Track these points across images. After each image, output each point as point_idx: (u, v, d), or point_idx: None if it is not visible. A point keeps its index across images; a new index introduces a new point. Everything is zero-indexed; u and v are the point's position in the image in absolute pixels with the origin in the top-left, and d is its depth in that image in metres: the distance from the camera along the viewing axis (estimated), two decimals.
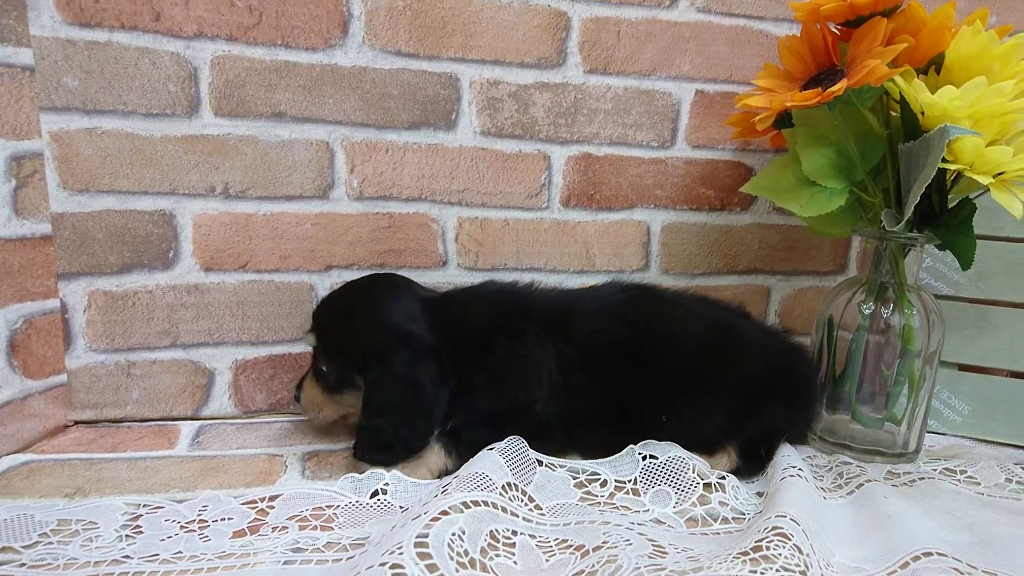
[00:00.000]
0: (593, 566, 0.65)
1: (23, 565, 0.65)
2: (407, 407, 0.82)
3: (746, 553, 0.63)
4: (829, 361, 1.00)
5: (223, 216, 0.95)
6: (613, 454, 0.85)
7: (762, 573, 0.60)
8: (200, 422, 0.99)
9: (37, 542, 0.68)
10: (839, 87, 0.81)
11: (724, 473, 0.82)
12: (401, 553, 0.60)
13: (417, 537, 0.63)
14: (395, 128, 0.99)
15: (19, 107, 0.83)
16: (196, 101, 0.91)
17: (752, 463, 0.86)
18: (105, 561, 0.66)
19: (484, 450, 0.80)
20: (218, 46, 0.91)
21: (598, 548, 0.68)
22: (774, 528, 0.67)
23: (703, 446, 0.86)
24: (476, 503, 0.70)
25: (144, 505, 0.76)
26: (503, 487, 0.75)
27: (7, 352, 0.84)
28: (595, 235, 1.08)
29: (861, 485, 0.85)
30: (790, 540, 0.65)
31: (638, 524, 0.74)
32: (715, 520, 0.77)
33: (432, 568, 0.60)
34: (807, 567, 0.62)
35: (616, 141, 1.07)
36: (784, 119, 0.98)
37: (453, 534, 0.65)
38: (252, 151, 0.95)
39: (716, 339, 0.90)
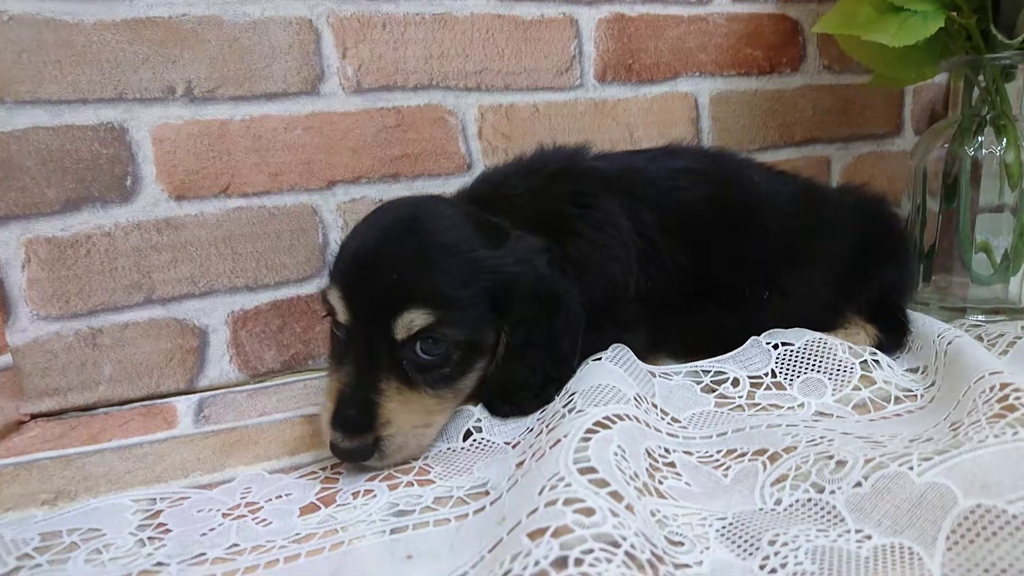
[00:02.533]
0: (796, 468, 0.50)
1: None
2: (548, 331, 0.61)
3: (1000, 416, 0.49)
4: (920, 220, 0.88)
5: (190, 126, 0.73)
6: (712, 351, 0.70)
7: None
8: (199, 395, 0.77)
9: (18, 567, 0.47)
10: None
11: (874, 350, 0.67)
12: (568, 484, 0.43)
13: (576, 463, 0.46)
14: None
15: None
16: None
17: (894, 333, 0.72)
18: (131, 574, 0.46)
19: (590, 360, 0.63)
20: None
21: (791, 449, 0.52)
22: (1005, 384, 0.53)
23: (819, 324, 0.72)
24: (619, 417, 0.53)
25: (161, 498, 0.55)
26: (635, 398, 0.58)
27: None
28: (638, 114, 0.92)
29: (1013, 343, 0.72)
30: None
31: (808, 420, 0.59)
32: (888, 402, 0.62)
33: (616, 496, 0.43)
34: None
35: None
36: None
37: (615, 453, 0.48)
38: (216, 37, 0.73)
39: (806, 201, 0.76)
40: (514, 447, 0.58)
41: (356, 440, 0.54)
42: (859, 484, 0.46)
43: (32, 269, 0.69)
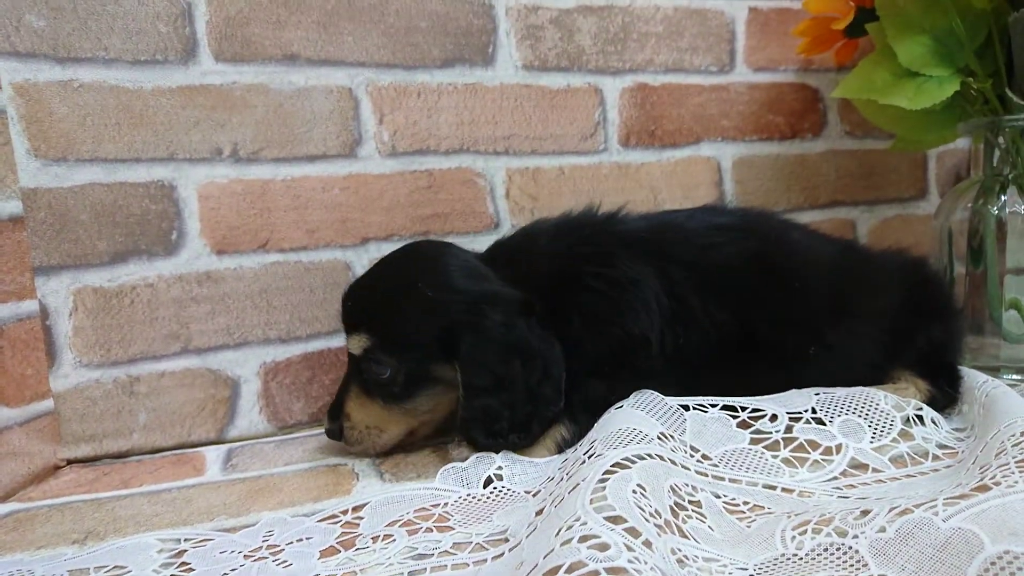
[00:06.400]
0: (820, 515, 0.49)
1: None
2: (523, 376, 0.64)
3: None
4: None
5: (234, 184, 0.78)
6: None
7: None
8: (227, 445, 0.79)
9: None
10: None
11: (921, 404, 0.66)
12: (584, 523, 0.43)
13: (593, 503, 0.46)
14: (426, 67, 0.84)
15: None
16: (192, 43, 0.75)
17: (945, 389, 0.70)
18: None
19: (611, 410, 0.64)
20: None
21: (826, 520, 0.50)
22: None
23: (864, 383, 0.70)
24: (640, 457, 0.53)
25: (185, 539, 0.56)
26: (659, 437, 0.58)
27: None
28: (662, 177, 0.94)
29: None
30: None
31: (843, 487, 0.57)
32: (925, 458, 0.61)
33: (633, 532, 0.42)
34: None
35: (672, 68, 0.94)
36: (859, 22, 0.88)
37: (634, 491, 0.48)
38: (263, 103, 0.78)
39: (848, 259, 0.76)
40: (534, 496, 0.58)
41: (331, 424, 0.70)
42: (883, 529, 0.45)
43: (78, 317, 0.73)
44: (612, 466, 0.50)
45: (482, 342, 0.64)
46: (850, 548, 0.45)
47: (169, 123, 0.75)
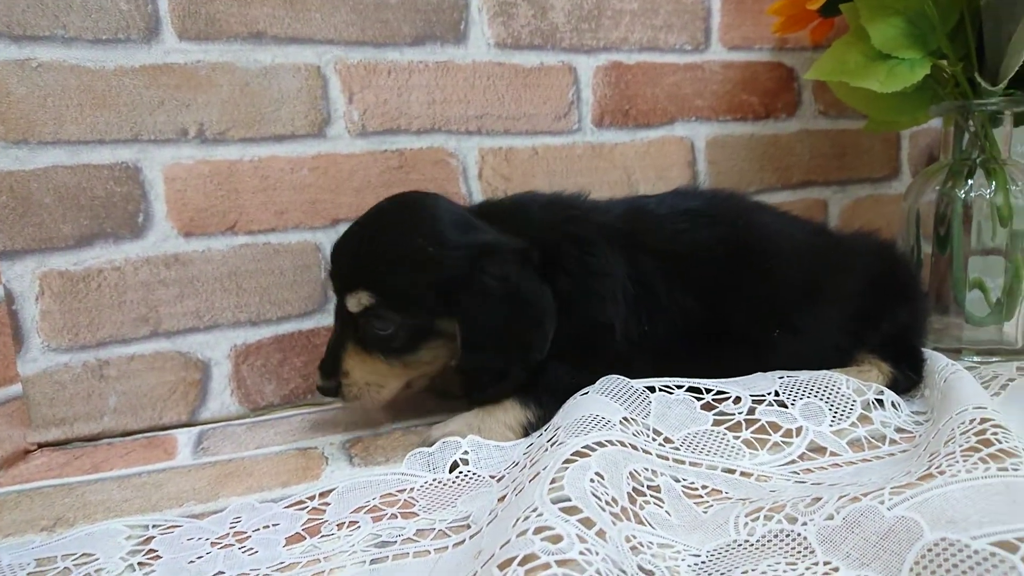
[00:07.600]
0: (773, 503, 0.50)
1: None
2: (515, 326, 0.65)
3: (975, 449, 0.49)
4: (915, 262, 0.89)
5: (200, 165, 0.77)
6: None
7: (1015, 469, 0.46)
8: (199, 428, 0.79)
9: None
10: None
11: (882, 388, 0.68)
12: (540, 513, 0.44)
13: (551, 492, 0.47)
14: (396, 45, 0.83)
15: None
16: (155, 21, 0.73)
17: (908, 371, 0.71)
18: None
19: (577, 395, 0.64)
20: None
21: (778, 507, 0.52)
22: (985, 420, 0.53)
23: (830, 365, 0.72)
24: (601, 444, 0.54)
25: (154, 526, 0.57)
26: (622, 422, 0.59)
27: None
28: (635, 157, 0.94)
29: (1005, 385, 0.72)
30: (1011, 431, 0.52)
31: (800, 472, 0.58)
32: (882, 442, 0.62)
33: (587, 523, 0.44)
34: None
35: (647, 46, 0.93)
36: (834, 1, 0.87)
37: (592, 480, 0.49)
38: (228, 82, 0.77)
39: (817, 243, 0.77)
40: (499, 481, 0.59)
41: (327, 381, 0.69)
42: (831, 517, 0.46)
43: (45, 301, 0.72)
44: (572, 454, 0.51)
45: (480, 299, 0.65)
46: (799, 535, 0.46)
47: (133, 103, 0.73)
